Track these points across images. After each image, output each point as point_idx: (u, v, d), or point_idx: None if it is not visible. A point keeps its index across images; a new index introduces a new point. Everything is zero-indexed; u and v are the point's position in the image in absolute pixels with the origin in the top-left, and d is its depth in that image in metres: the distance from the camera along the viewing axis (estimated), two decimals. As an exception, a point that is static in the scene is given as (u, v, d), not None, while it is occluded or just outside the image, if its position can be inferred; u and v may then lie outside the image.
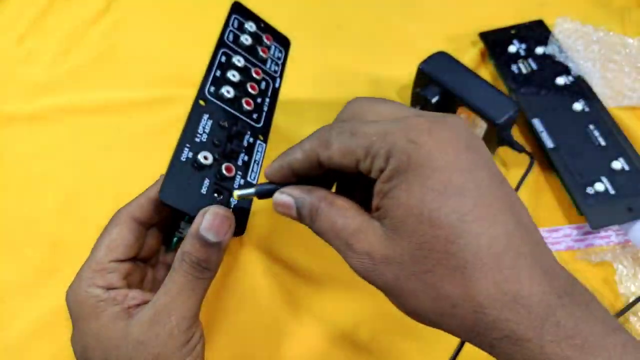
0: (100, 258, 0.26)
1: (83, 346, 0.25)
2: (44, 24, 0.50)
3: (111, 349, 0.24)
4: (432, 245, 0.18)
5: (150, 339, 0.24)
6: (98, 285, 0.25)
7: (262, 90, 0.34)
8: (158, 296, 0.25)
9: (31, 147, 0.42)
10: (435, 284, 0.18)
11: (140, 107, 0.44)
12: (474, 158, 0.19)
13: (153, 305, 0.25)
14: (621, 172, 0.38)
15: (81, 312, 0.25)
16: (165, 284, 0.25)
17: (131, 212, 0.27)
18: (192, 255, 0.25)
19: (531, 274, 0.18)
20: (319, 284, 0.35)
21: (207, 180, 0.27)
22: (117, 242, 0.26)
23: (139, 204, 0.27)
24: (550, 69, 0.44)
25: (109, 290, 0.25)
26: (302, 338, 0.33)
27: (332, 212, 0.21)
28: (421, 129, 0.19)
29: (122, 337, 0.24)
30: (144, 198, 0.28)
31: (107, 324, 0.24)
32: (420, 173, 0.19)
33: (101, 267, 0.26)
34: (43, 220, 0.38)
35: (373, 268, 0.20)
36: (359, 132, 0.20)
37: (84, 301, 0.25)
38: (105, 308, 0.25)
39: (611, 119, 0.41)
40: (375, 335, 0.33)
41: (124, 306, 0.25)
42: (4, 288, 0.35)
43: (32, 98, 0.45)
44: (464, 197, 0.18)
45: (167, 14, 0.52)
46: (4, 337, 0.33)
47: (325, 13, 0.52)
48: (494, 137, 0.38)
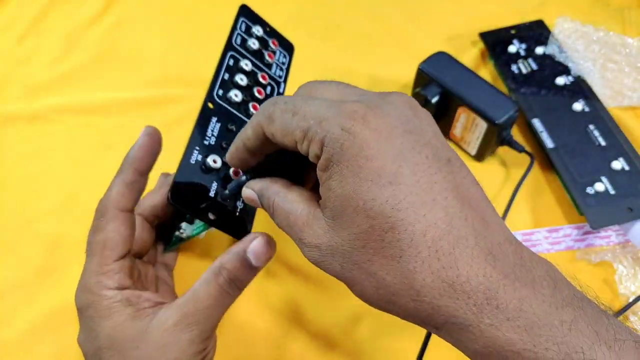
0: (104, 259, 0.25)
1: (97, 347, 0.24)
2: (44, 24, 0.50)
3: (129, 350, 0.24)
4: (368, 235, 0.18)
5: (172, 343, 0.24)
6: (110, 287, 0.25)
7: (267, 95, 0.34)
8: (185, 302, 0.25)
9: (31, 147, 0.42)
10: (375, 273, 0.18)
11: (140, 107, 0.44)
12: (412, 141, 0.19)
13: (179, 310, 0.24)
14: (621, 172, 0.38)
15: (94, 313, 0.24)
16: (195, 292, 0.25)
17: (116, 204, 0.26)
18: (232, 273, 0.25)
19: (472, 257, 0.17)
20: (316, 282, 0.35)
21: (215, 184, 0.27)
22: (116, 240, 0.25)
23: (120, 194, 0.26)
24: (550, 69, 0.44)
25: (122, 291, 0.25)
26: (302, 337, 0.33)
27: (285, 205, 0.22)
28: (356, 116, 0.19)
29: (141, 338, 0.24)
30: (122, 186, 0.26)
31: (122, 324, 0.24)
32: (353, 163, 0.18)
33: (107, 269, 0.25)
34: (43, 220, 0.38)
35: (322, 259, 0.20)
36: (300, 112, 0.20)
37: (97, 302, 0.24)
38: (120, 309, 0.24)
39: (611, 119, 0.41)
40: (374, 331, 0.33)
41: (138, 307, 0.25)
42: (4, 288, 0.35)
43: (32, 98, 0.45)
44: (399, 184, 0.18)
45: (167, 14, 0.52)
46: (4, 337, 0.33)
47: (325, 13, 0.52)
48: (494, 137, 0.38)
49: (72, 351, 0.33)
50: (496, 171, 0.41)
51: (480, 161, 0.41)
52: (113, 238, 0.25)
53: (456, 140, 0.41)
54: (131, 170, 0.26)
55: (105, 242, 0.25)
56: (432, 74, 0.39)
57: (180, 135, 0.38)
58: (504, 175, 0.40)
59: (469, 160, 0.41)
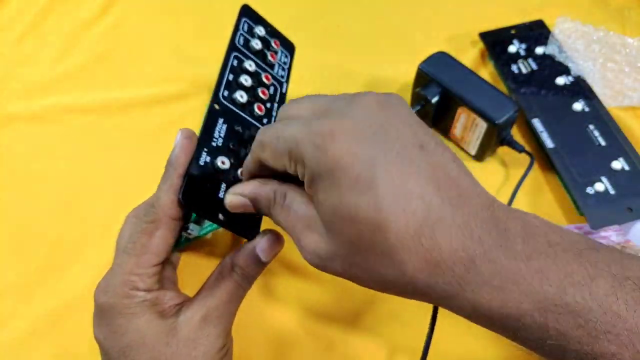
0: (144, 262, 0.25)
1: (124, 344, 0.24)
2: (43, 24, 0.50)
3: (159, 346, 0.24)
4: (360, 239, 0.20)
5: (201, 337, 0.25)
6: (140, 289, 0.25)
7: (271, 96, 0.34)
8: (206, 298, 0.26)
9: (31, 147, 0.42)
10: (372, 269, 0.20)
11: (140, 107, 0.44)
12: (381, 142, 0.20)
13: (203, 306, 0.25)
14: (621, 172, 0.38)
15: (122, 311, 0.25)
16: (213, 288, 0.26)
17: (169, 213, 0.26)
18: (244, 270, 0.26)
19: (451, 235, 0.19)
20: (316, 282, 0.35)
21: (224, 185, 0.27)
22: (161, 247, 0.26)
23: (172, 201, 0.26)
24: (550, 69, 0.44)
25: (150, 292, 0.25)
26: (302, 336, 0.33)
27: (285, 204, 0.23)
28: (324, 133, 0.20)
29: (170, 335, 0.24)
30: (173, 192, 0.26)
31: (151, 321, 0.24)
32: (331, 176, 0.20)
33: (143, 272, 0.25)
34: (43, 220, 0.38)
35: (323, 264, 0.22)
36: (282, 136, 0.22)
37: (127, 301, 0.25)
38: (149, 308, 0.25)
39: (611, 119, 0.41)
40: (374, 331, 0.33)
41: (164, 306, 0.25)
42: (4, 288, 0.35)
43: (32, 98, 0.45)
44: (376, 187, 0.19)
45: (167, 14, 0.52)
46: (3, 337, 0.33)
47: (325, 13, 0.52)
48: (494, 137, 0.38)
49: (72, 351, 0.33)
50: (496, 171, 0.41)
51: (480, 161, 0.41)
52: (159, 245, 0.26)
53: (456, 140, 0.41)
54: (176, 175, 0.26)
55: (150, 247, 0.25)
56: (432, 74, 0.39)
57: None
58: (504, 175, 0.40)
59: (469, 160, 0.41)
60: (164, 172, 0.27)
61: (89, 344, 0.32)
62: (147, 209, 0.26)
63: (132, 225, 0.26)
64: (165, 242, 0.26)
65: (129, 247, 0.25)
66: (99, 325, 0.25)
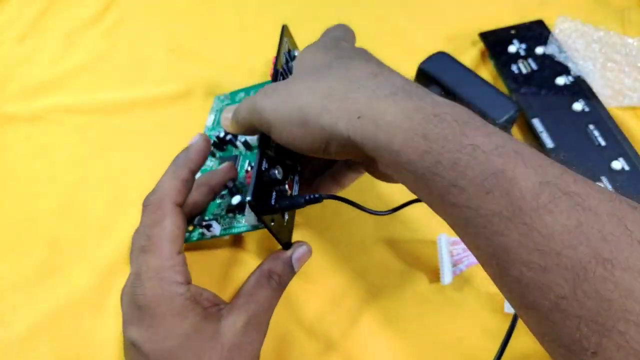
0: (168, 253, 0.25)
1: (170, 346, 0.24)
2: (44, 24, 0.50)
3: (206, 350, 0.24)
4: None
5: (246, 343, 0.25)
6: (180, 282, 0.24)
7: None
8: (246, 304, 0.26)
9: (31, 147, 0.42)
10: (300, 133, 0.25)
11: (140, 107, 0.44)
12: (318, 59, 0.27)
13: (246, 312, 0.26)
14: (621, 172, 0.38)
15: (167, 311, 0.24)
16: (253, 295, 0.26)
17: (173, 198, 0.26)
18: (282, 278, 0.28)
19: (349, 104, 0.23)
20: (316, 282, 0.35)
21: (274, 194, 0.28)
22: (175, 233, 0.25)
23: (177, 189, 0.26)
24: (550, 69, 0.44)
25: (189, 286, 0.25)
26: (302, 337, 0.33)
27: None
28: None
29: (215, 339, 0.24)
30: (179, 181, 0.27)
31: (197, 324, 0.24)
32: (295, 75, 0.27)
33: (173, 263, 0.25)
34: (43, 220, 0.38)
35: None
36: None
37: (170, 300, 0.24)
38: (193, 308, 0.24)
39: (611, 119, 0.41)
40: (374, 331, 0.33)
41: (203, 306, 0.25)
42: (4, 288, 0.35)
43: (32, 98, 0.45)
44: (309, 90, 0.24)
45: (167, 14, 0.52)
46: (4, 337, 0.33)
47: (325, 13, 0.52)
48: (494, 137, 0.38)
49: (72, 351, 0.33)
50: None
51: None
52: (173, 231, 0.25)
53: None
54: (187, 169, 0.27)
55: (167, 236, 0.25)
56: (432, 74, 0.39)
57: (181, 135, 0.38)
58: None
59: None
60: (172, 163, 0.27)
61: (89, 344, 0.33)
62: (150, 201, 0.26)
63: (141, 221, 0.26)
64: (179, 229, 0.25)
65: (145, 245, 0.25)
66: (138, 327, 0.24)
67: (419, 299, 0.35)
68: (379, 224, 0.38)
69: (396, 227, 0.38)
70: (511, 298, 0.19)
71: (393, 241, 0.37)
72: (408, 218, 0.38)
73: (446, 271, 0.34)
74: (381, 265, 0.36)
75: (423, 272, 0.35)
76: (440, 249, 0.35)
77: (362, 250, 0.37)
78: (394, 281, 0.35)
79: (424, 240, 0.37)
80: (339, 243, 0.37)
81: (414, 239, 0.37)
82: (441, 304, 0.34)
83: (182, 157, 0.28)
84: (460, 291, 0.35)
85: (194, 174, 0.28)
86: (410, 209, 0.31)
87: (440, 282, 0.35)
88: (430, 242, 0.37)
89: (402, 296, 0.35)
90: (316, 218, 0.38)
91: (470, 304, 0.34)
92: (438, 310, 0.34)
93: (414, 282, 0.35)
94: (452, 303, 0.34)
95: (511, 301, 0.19)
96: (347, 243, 0.37)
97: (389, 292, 0.35)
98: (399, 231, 0.37)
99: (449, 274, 0.34)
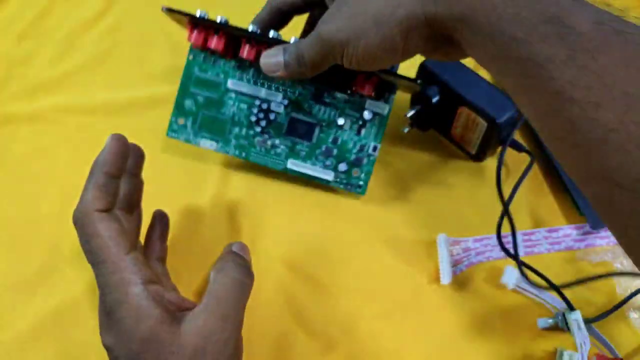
0: (115, 257, 0.25)
1: (133, 351, 0.23)
2: (44, 24, 0.50)
3: (166, 354, 0.23)
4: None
5: (213, 336, 0.24)
6: (135, 283, 0.24)
7: None
8: (206, 299, 0.25)
9: (31, 147, 0.42)
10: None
11: (140, 107, 0.44)
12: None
13: (205, 306, 0.25)
14: (621, 172, 0.38)
15: (125, 314, 0.24)
16: (210, 291, 0.26)
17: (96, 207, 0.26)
18: (235, 260, 0.28)
19: None
20: (316, 282, 0.35)
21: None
22: (113, 236, 0.25)
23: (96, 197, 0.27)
24: (550, 69, 0.44)
25: (148, 286, 0.24)
26: (302, 337, 0.33)
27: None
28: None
29: (176, 343, 0.23)
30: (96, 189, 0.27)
31: (155, 327, 0.23)
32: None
33: (124, 265, 0.25)
34: (43, 220, 0.38)
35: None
36: None
37: (127, 302, 0.24)
38: (150, 310, 0.24)
39: (611, 118, 0.41)
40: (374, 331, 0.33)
41: (165, 309, 0.24)
42: (4, 288, 0.35)
43: (32, 98, 0.45)
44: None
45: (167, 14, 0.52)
46: (4, 337, 0.33)
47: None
48: (494, 136, 0.38)
49: (72, 351, 0.33)
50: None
51: (481, 161, 0.41)
52: (110, 236, 0.25)
53: (456, 140, 0.41)
54: (102, 173, 0.27)
55: (106, 243, 0.25)
56: (433, 73, 0.39)
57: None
58: (504, 175, 0.40)
59: (469, 160, 0.41)
60: (90, 171, 0.28)
61: (89, 344, 0.33)
62: (76, 217, 0.26)
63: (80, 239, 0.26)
64: (115, 231, 0.25)
65: (93, 259, 0.25)
66: (107, 332, 0.25)
67: (418, 299, 0.35)
68: (378, 223, 0.38)
69: (396, 227, 0.38)
70: (563, 138, 0.20)
71: (393, 241, 0.37)
72: (408, 218, 0.38)
73: (446, 271, 0.34)
74: (381, 265, 0.36)
75: (423, 272, 0.35)
76: (440, 249, 0.35)
77: (361, 250, 0.37)
78: (394, 281, 0.35)
79: (424, 240, 0.37)
80: (339, 243, 0.37)
81: (414, 239, 0.37)
82: (441, 304, 0.34)
83: (96, 161, 0.28)
84: (460, 291, 0.35)
85: (113, 176, 0.27)
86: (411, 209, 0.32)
87: (440, 282, 0.35)
88: (430, 242, 0.37)
89: (402, 296, 0.35)
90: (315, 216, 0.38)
91: (470, 304, 0.34)
92: (438, 310, 0.34)
93: (414, 282, 0.35)
94: (452, 303, 0.34)
95: (560, 143, 0.20)
96: (346, 243, 0.37)
97: (389, 292, 0.35)
98: (399, 231, 0.37)
99: (448, 273, 0.34)
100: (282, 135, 0.37)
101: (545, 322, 0.33)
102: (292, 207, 0.39)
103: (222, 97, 0.38)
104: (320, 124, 0.37)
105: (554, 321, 0.33)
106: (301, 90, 0.36)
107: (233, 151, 0.38)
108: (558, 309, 0.34)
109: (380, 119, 0.37)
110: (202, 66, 0.38)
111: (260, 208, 0.38)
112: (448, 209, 0.38)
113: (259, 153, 0.37)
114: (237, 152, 0.38)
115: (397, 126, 0.40)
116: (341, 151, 0.37)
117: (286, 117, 0.37)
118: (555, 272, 0.35)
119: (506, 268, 0.35)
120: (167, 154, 0.41)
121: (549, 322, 0.33)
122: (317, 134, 0.37)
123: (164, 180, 0.39)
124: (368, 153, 0.37)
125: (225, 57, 0.37)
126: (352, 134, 0.37)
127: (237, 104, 0.37)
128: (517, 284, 0.34)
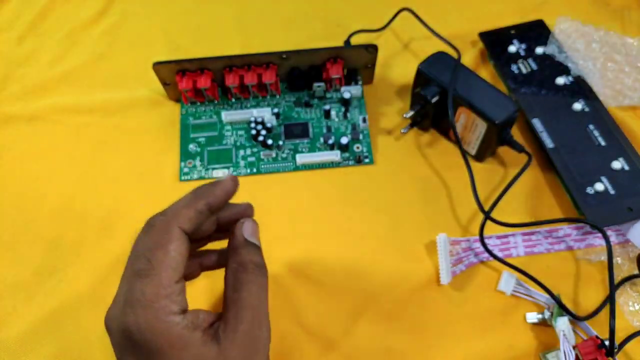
0: (167, 281, 0.23)
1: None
2: (44, 24, 0.50)
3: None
4: None
5: (251, 346, 0.24)
6: (175, 312, 0.23)
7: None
8: (236, 311, 0.24)
9: (31, 147, 0.42)
10: None
11: (140, 107, 0.44)
12: None
13: (239, 320, 0.24)
14: (621, 172, 0.38)
15: (165, 343, 0.22)
16: (237, 300, 0.25)
17: (182, 225, 0.24)
18: (253, 262, 0.26)
19: None
20: (316, 282, 0.35)
21: None
22: (178, 260, 0.24)
23: (188, 217, 0.25)
24: (550, 69, 0.44)
25: (185, 314, 0.23)
26: (302, 337, 0.33)
27: None
28: None
29: (222, 357, 0.23)
30: (192, 210, 0.25)
31: (199, 351, 0.23)
32: None
33: (170, 291, 0.23)
34: (43, 220, 0.38)
35: None
36: None
37: (168, 331, 0.22)
38: (191, 336, 0.23)
39: (611, 119, 0.41)
40: (374, 332, 0.33)
41: (202, 329, 0.24)
42: (4, 288, 0.35)
43: (32, 98, 0.45)
44: None
45: (167, 14, 0.52)
46: (4, 337, 0.33)
47: (325, 13, 0.52)
48: (494, 137, 0.38)
49: (72, 351, 0.33)
50: (496, 171, 0.41)
51: (481, 161, 0.41)
52: (176, 258, 0.24)
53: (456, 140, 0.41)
54: (205, 202, 0.25)
55: (169, 262, 0.23)
56: (432, 74, 0.39)
57: (180, 135, 0.38)
58: (503, 175, 0.40)
59: (469, 160, 0.41)
60: (192, 192, 0.26)
61: (89, 344, 0.33)
62: (155, 221, 0.25)
63: (142, 242, 0.24)
64: (182, 256, 0.24)
65: (143, 270, 0.23)
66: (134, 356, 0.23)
67: (418, 299, 0.35)
68: (378, 224, 0.38)
69: (396, 227, 0.38)
70: None
71: (393, 241, 0.37)
72: (408, 218, 0.38)
73: (446, 271, 0.34)
74: (381, 264, 0.36)
75: (423, 272, 0.35)
76: (440, 249, 0.35)
77: (361, 250, 0.37)
78: (393, 281, 0.35)
79: (424, 240, 0.37)
80: (338, 243, 0.37)
81: (414, 239, 0.37)
82: (441, 304, 0.34)
83: (205, 189, 0.26)
84: (459, 291, 0.35)
85: (211, 211, 0.26)
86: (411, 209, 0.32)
87: (440, 282, 0.35)
88: (430, 242, 0.37)
89: (402, 296, 0.35)
90: (315, 216, 0.38)
91: (469, 304, 0.34)
92: (438, 310, 0.34)
93: (414, 282, 0.35)
94: (451, 303, 0.34)
95: None
96: (346, 243, 0.37)
97: (389, 292, 0.35)
98: (399, 231, 0.37)
99: (448, 273, 0.34)
100: (282, 141, 0.41)
101: (534, 317, 0.34)
102: (292, 207, 0.39)
103: (220, 131, 0.42)
104: (310, 121, 0.42)
105: (542, 317, 0.33)
106: (283, 103, 0.43)
107: (245, 171, 0.40)
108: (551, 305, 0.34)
109: (358, 100, 0.43)
110: (195, 115, 0.43)
111: (260, 208, 0.38)
112: (448, 209, 0.38)
113: (267, 164, 0.40)
114: (248, 171, 0.40)
115: (396, 126, 0.40)
116: (337, 136, 0.42)
117: (280, 127, 0.42)
118: (556, 272, 0.35)
119: (503, 274, 0.35)
120: (168, 154, 0.41)
121: (538, 317, 0.34)
122: (312, 130, 0.42)
123: (164, 180, 0.39)
124: (361, 128, 0.42)
125: (212, 99, 0.43)
126: (341, 119, 0.43)
127: (236, 132, 0.42)
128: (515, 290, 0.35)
